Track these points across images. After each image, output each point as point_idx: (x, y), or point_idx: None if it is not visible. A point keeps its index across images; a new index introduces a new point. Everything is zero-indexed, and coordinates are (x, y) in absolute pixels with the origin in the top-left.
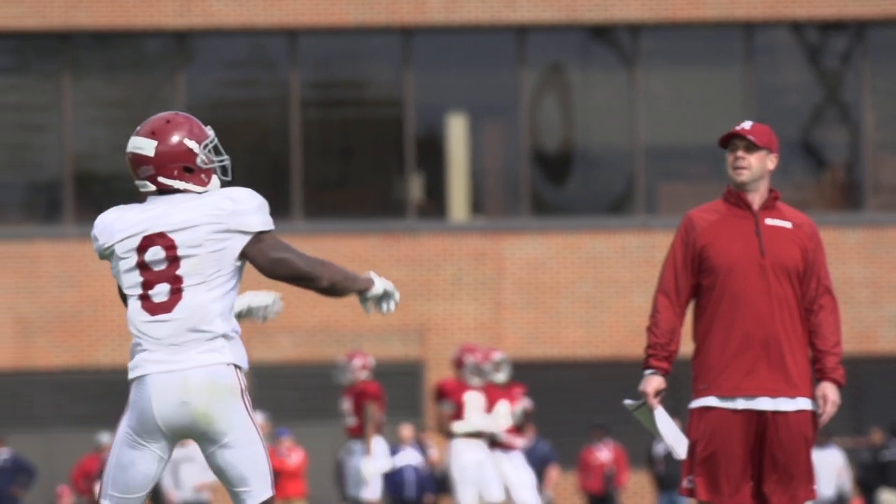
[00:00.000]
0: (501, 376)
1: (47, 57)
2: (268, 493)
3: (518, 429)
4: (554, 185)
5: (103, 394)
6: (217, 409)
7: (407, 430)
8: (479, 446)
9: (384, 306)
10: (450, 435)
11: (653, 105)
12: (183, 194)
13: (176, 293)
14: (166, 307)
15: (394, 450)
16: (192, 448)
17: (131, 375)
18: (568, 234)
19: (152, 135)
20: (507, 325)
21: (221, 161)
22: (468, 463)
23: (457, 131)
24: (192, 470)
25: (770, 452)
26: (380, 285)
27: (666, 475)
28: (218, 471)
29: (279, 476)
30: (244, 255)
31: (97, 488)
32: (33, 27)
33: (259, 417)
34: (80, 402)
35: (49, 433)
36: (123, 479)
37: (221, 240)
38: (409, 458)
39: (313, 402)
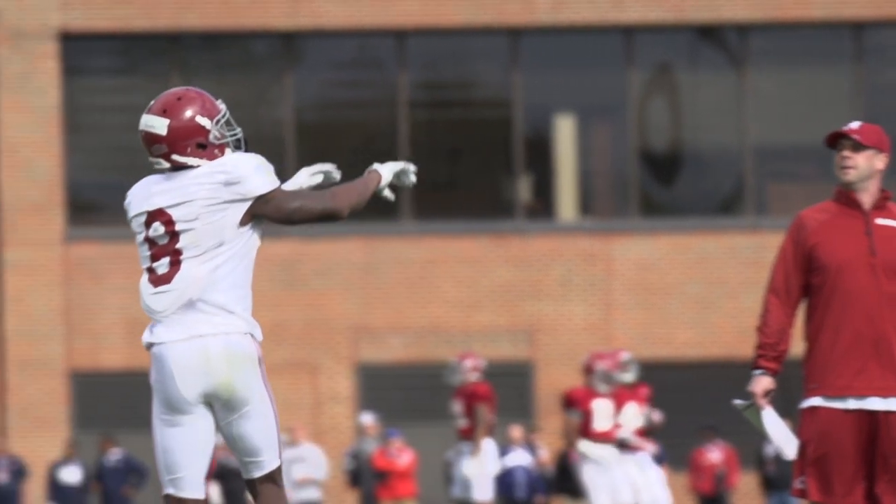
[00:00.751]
0: (629, 376)
1: (156, 58)
2: (276, 462)
3: (646, 431)
4: (663, 185)
5: None
6: (238, 378)
7: (517, 431)
8: (608, 450)
9: (405, 181)
10: (577, 442)
11: (761, 105)
12: (186, 170)
13: (175, 265)
14: (166, 278)
15: (504, 451)
16: (302, 448)
17: (145, 342)
18: (677, 235)
19: (164, 112)
20: (616, 326)
21: (234, 135)
22: (598, 467)
23: (565, 132)
24: (299, 469)
25: (882, 453)
26: (387, 174)
27: (776, 476)
28: (232, 440)
29: (389, 476)
30: (256, 216)
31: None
32: (142, 29)
33: (369, 418)
34: None
35: None
36: (173, 459)
37: (218, 210)
38: (520, 458)
39: (423, 402)
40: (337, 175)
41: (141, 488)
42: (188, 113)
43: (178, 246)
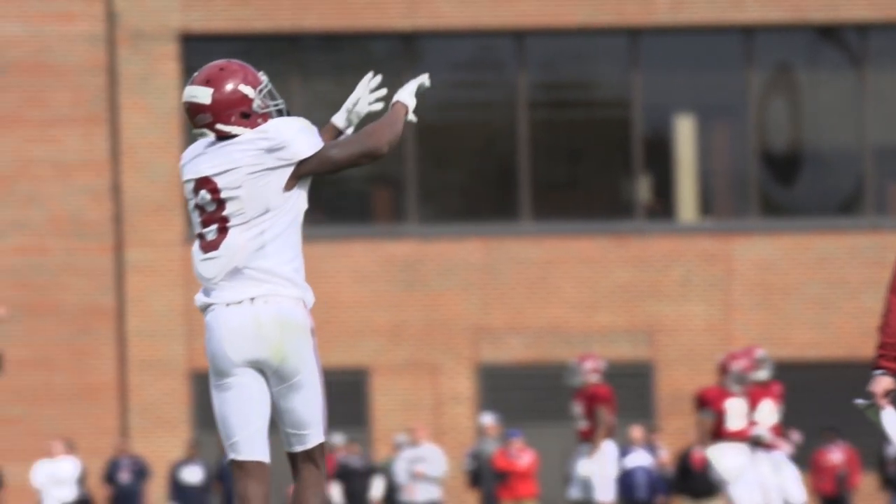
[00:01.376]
0: (764, 374)
1: (275, 59)
2: (320, 439)
3: (781, 430)
4: (782, 185)
5: (334, 394)
6: (290, 346)
7: (637, 432)
8: (742, 448)
9: (423, 90)
10: (710, 442)
11: (881, 105)
12: (230, 138)
13: (222, 232)
14: (214, 245)
15: (624, 452)
16: (423, 448)
17: (198, 305)
18: (797, 235)
19: (207, 83)
20: (736, 327)
21: (277, 105)
22: (734, 465)
23: (684, 132)
24: (420, 469)
25: None
26: (411, 100)
27: None
28: (280, 411)
29: (510, 477)
30: (301, 177)
31: (330, 488)
32: (262, 30)
33: (489, 419)
34: None
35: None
36: (230, 424)
37: (262, 177)
38: (640, 459)
39: (543, 403)
40: (428, 83)
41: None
42: (231, 83)
43: (224, 213)
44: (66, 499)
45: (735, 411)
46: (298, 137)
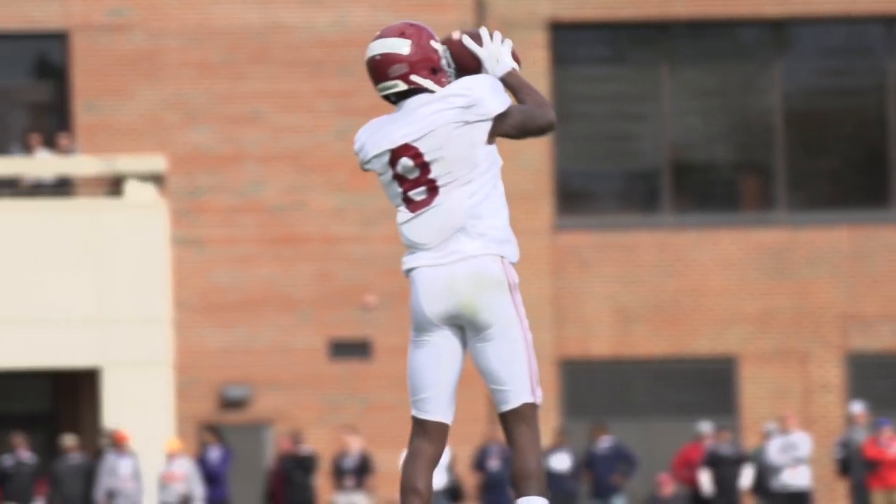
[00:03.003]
0: None
1: (643, 47)
2: (526, 397)
3: None
4: None
5: (702, 382)
6: (482, 300)
7: None
8: None
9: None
10: None
11: None
12: (418, 98)
13: (432, 191)
14: (426, 202)
15: None
16: (793, 436)
17: (404, 269)
18: None
19: (402, 34)
20: None
21: (451, 67)
22: None
23: None
24: (790, 455)
25: None
26: (513, 62)
27: None
28: (479, 366)
29: (880, 466)
30: (494, 135)
31: (699, 476)
32: (630, 18)
33: (859, 407)
34: (679, 390)
35: (648, 421)
36: (418, 380)
37: (464, 134)
38: None
39: None
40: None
41: (630, 477)
42: (426, 37)
43: (430, 176)
44: (437, 485)
45: None
46: (492, 94)
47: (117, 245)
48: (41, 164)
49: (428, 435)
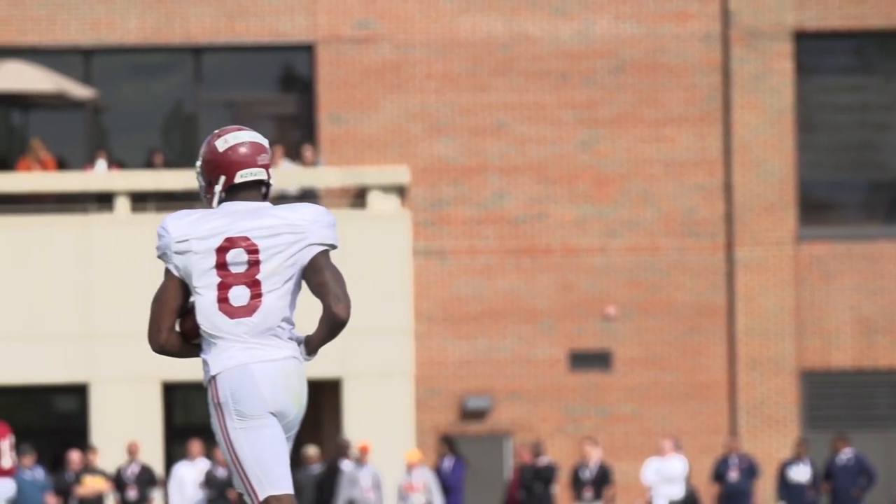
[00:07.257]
0: None
1: (891, 57)
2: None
3: None
4: None
5: None
6: (305, 398)
7: None
8: None
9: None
10: None
11: None
12: (260, 204)
13: (256, 297)
14: (248, 311)
15: None
16: None
17: (219, 370)
18: None
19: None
20: None
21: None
22: None
23: None
24: None
25: None
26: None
27: None
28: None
29: None
30: (308, 264)
31: None
32: (876, 26)
33: None
34: None
35: (890, 433)
36: (265, 461)
37: (299, 250)
38: None
39: None
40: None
41: (869, 490)
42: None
43: (257, 276)
44: (675, 496)
45: None
46: (334, 228)
47: (360, 256)
48: (285, 176)
49: None
